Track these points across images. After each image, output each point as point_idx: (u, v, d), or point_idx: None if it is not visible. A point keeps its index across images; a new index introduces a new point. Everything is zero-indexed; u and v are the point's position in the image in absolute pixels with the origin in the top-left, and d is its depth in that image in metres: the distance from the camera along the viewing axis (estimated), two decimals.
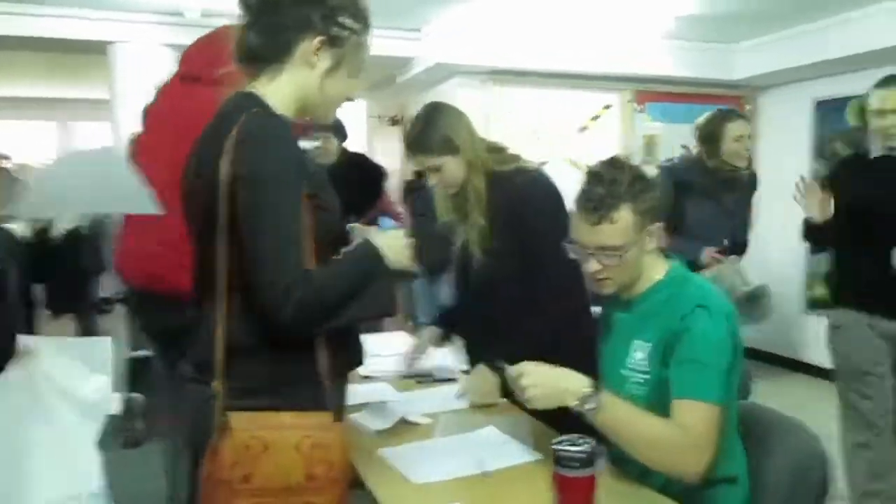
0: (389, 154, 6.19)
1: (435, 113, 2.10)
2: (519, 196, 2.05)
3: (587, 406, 1.41)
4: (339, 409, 1.37)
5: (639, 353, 1.58)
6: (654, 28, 5.02)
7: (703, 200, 3.24)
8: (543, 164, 4.06)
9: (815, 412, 3.01)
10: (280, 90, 1.36)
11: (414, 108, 6.14)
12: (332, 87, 1.40)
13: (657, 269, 1.63)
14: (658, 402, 1.50)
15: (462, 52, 5.05)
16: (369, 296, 1.31)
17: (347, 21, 1.37)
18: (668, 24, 4.90)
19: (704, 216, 3.23)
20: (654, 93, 5.77)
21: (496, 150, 2.16)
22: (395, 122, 6.52)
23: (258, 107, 1.30)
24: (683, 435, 1.41)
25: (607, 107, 5.74)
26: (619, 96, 5.75)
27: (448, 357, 2.48)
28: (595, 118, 5.71)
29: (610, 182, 1.54)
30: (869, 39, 4.53)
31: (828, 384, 4.98)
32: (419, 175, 4.84)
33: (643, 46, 5.33)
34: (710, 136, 3.26)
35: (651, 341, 1.56)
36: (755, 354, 5.56)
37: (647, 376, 1.56)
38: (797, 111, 5.61)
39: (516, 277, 2.05)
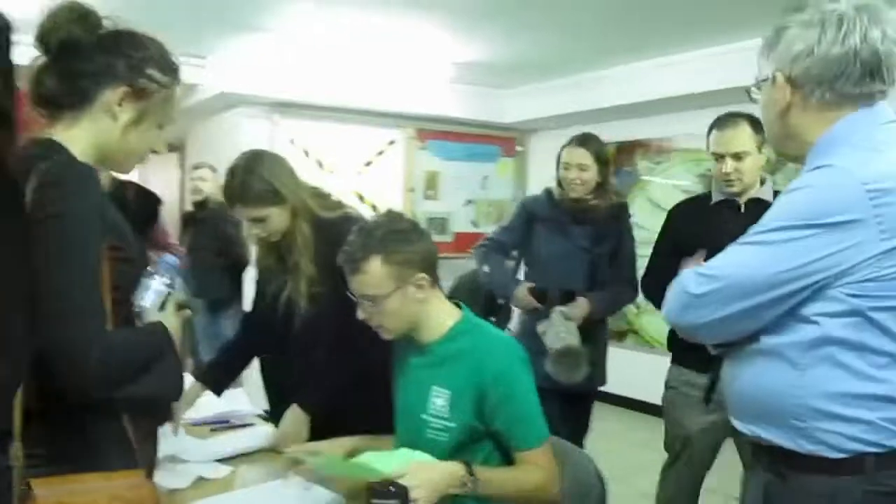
0: (165, 182, 5.89)
1: (255, 162, 2.00)
2: None
3: (467, 488, 1.50)
4: (150, 467, 1.31)
5: (439, 401, 1.65)
6: (435, 70, 5.30)
7: (552, 235, 2.98)
8: None
9: (601, 435, 3.34)
10: (78, 139, 1.28)
11: (195, 134, 6.00)
12: (134, 140, 1.33)
13: (447, 315, 1.70)
14: (461, 447, 1.61)
15: (247, 82, 4.97)
16: (159, 375, 1.27)
17: (155, 73, 1.31)
18: (447, 68, 5.20)
19: (555, 252, 2.96)
20: (435, 131, 6.06)
21: (320, 195, 2.12)
22: (172, 148, 6.23)
23: (62, 153, 1.22)
24: (545, 475, 1.59)
25: (391, 143, 5.92)
26: (403, 133, 5.97)
27: (242, 400, 2.43)
28: (380, 153, 5.87)
29: (365, 234, 1.62)
30: (621, 94, 5.14)
31: (613, 409, 5.47)
32: (200, 206, 4.66)
33: (425, 87, 5.59)
34: (556, 163, 2.99)
35: (450, 389, 1.64)
36: None
37: (449, 423, 1.63)
38: None
39: (335, 320, 1.98)
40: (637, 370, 4.70)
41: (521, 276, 3.18)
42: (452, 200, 6.12)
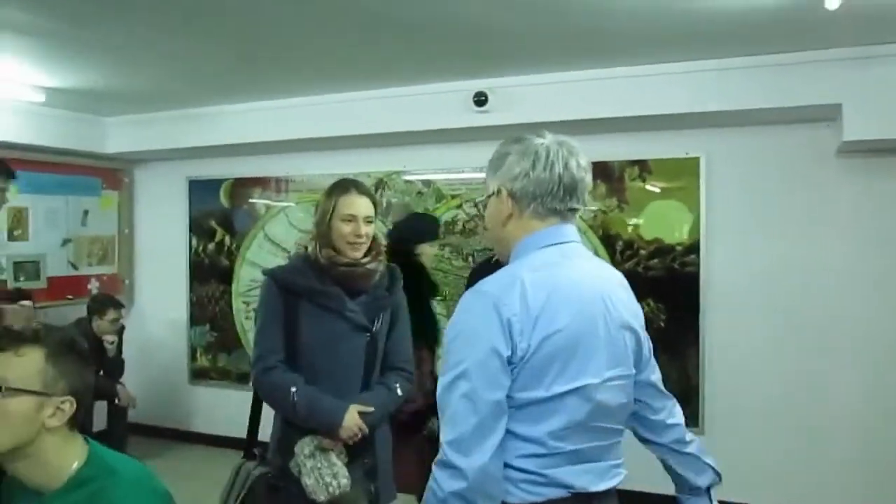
0: None
1: None
2: None
3: None
4: None
5: None
6: (16, 93, 4.56)
7: (322, 313, 2.30)
8: None
9: (207, 479, 3.15)
10: None
11: None
12: None
13: (71, 456, 1.45)
14: None
15: None
16: None
17: None
18: (31, 91, 4.51)
19: (326, 336, 2.30)
20: (19, 160, 5.20)
21: None
22: None
23: None
24: None
25: None
26: None
27: None
28: None
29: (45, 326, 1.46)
30: (236, 132, 5.02)
31: (218, 451, 5.27)
32: None
33: (4, 110, 4.78)
34: (322, 215, 2.35)
35: None
36: (143, 430, 5.52)
37: None
38: (173, 186, 5.82)
39: None
40: None
41: None
42: (45, 240, 5.34)
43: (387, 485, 2.37)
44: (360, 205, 2.33)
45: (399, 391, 2.39)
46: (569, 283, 1.49)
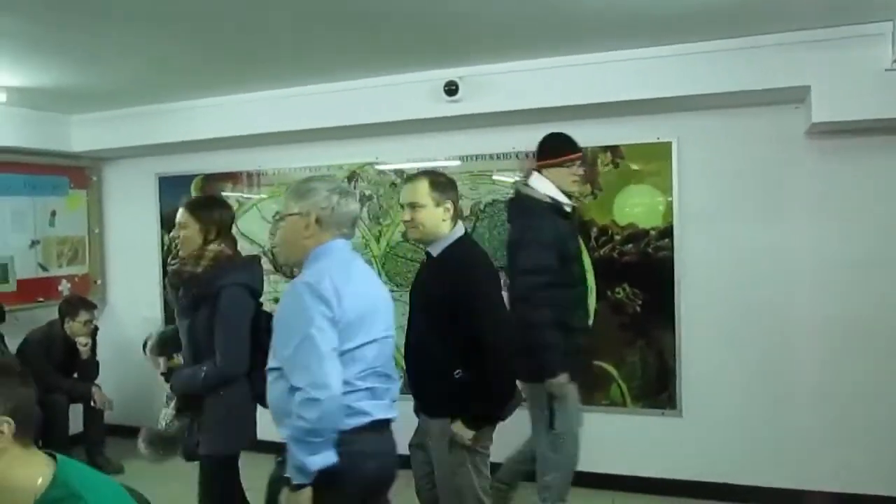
0: None
1: None
2: None
3: None
4: None
5: None
6: None
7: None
8: None
9: (187, 480, 3.11)
10: None
11: None
12: None
13: (34, 473, 1.43)
14: None
15: None
16: None
17: None
18: None
19: None
20: None
21: None
22: None
23: None
24: None
25: None
26: None
27: None
28: None
29: None
30: (206, 128, 4.95)
31: None
32: None
33: None
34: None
35: None
36: (120, 431, 5.45)
37: None
38: (142, 184, 5.74)
39: None
40: None
41: None
42: (13, 242, 5.23)
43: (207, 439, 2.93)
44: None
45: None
46: (359, 272, 2.28)
